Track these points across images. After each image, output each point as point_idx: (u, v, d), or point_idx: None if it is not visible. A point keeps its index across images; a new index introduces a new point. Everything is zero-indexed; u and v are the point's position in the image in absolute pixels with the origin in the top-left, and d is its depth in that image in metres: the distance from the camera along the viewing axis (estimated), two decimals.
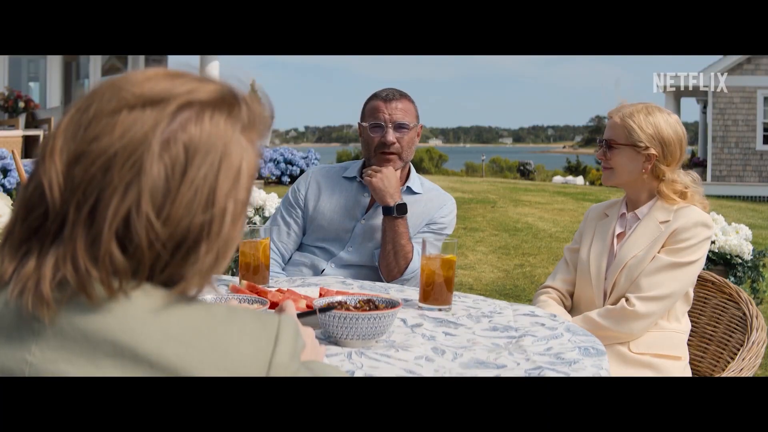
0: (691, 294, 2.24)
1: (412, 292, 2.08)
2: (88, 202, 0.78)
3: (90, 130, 0.79)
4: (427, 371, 1.45)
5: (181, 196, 0.79)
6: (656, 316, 2.14)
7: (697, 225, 2.17)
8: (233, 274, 4.49)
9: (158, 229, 0.78)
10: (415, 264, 2.45)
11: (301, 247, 2.62)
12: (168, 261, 0.80)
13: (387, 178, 2.48)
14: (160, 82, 0.81)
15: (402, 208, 2.46)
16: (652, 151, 2.20)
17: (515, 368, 1.46)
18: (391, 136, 2.51)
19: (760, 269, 4.80)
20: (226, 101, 0.83)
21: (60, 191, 0.78)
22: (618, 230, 2.29)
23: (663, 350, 2.15)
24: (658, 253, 2.18)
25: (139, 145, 0.78)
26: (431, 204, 2.58)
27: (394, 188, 2.48)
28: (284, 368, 0.82)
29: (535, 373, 1.43)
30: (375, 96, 2.59)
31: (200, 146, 0.80)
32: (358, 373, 1.41)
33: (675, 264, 2.15)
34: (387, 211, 2.46)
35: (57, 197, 0.78)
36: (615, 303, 2.18)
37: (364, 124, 2.57)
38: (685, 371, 2.18)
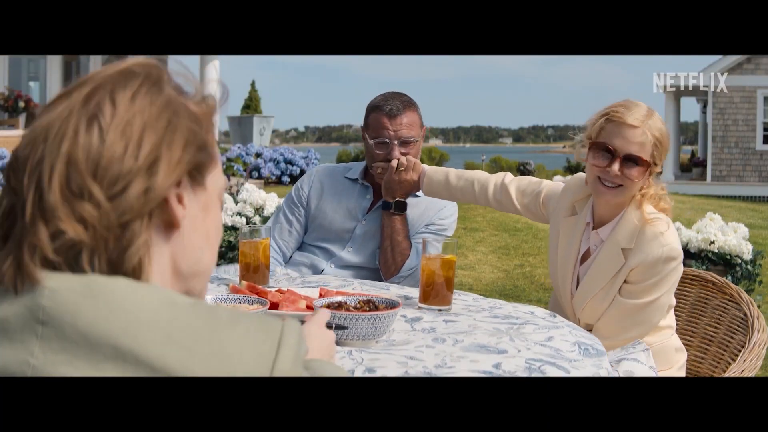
0: (673, 300, 2.11)
1: (412, 291, 2.08)
2: (36, 170, 0.80)
3: (35, 123, 0.84)
4: (428, 356, 1.46)
5: (113, 139, 0.81)
6: None
7: (657, 263, 1.95)
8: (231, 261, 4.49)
9: (99, 165, 0.80)
10: (413, 262, 2.46)
11: (301, 247, 2.63)
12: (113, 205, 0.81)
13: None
14: (89, 74, 0.87)
15: (400, 206, 2.47)
16: (659, 167, 1.98)
17: (516, 355, 1.48)
18: (397, 153, 2.48)
19: (757, 270, 4.81)
20: (144, 68, 0.87)
21: (18, 179, 0.81)
22: (583, 247, 2.09)
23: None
24: (620, 293, 2.01)
25: (72, 109, 0.82)
26: (431, 206, 2.58)
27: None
28: (286, 375, 0.82)
29: (535, 364, 1.44)
30: (379, 108, 2.51)
31: (127, 102, 0.83)
32: (359, 367, 1.41)
33: (639, 306, 1.99)
34: (386, 206, 2.48)
35: (18, 185, 0.81)
36: (586, 327, 2.09)
37: (369, 140, 2.52)
38: (680, 374, 2.15)
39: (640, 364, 1.60)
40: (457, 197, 2.44)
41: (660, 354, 2.08)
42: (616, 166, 1.93)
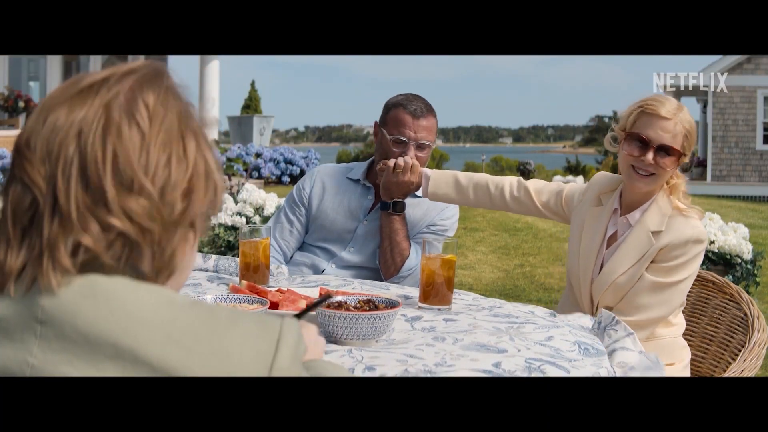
0: (684, 297, 2.16)
1: (412, 291, 2.08)
2: (74, 163, 0.79)
3: (50, 119, 0.82)
4: (428, 354, 1.46)
5: (156, 144, 0.82)
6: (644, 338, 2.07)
7: (688, 242, 2.05)
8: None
9: (145, 161, 0.81)
10: (412, 262, 2.46)
11: (302, 247, 2.63)
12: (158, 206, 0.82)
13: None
14: (94, 74, 0.86)
15: (398, 206, 2.47)
16: (687, 158, 2.08)
17: (516, 354, 1.48)
18: (412, 154, 2.47)
19: (755, 271, 4.81)
20: (159, 72, 0.88)
21: (40, 173, 0.80)
22: (609, 231, 2.16)
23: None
24: (646, 271, 2.07)
25: (103, 105, 0.82)
26: (433, 207, 2.57)
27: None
28: (285, 373, 0.82)
29: (535, 363, 1.44)
30: (403, 106, 2.51)
31: (157, 105, 0.84)
32: (359, 366, 1.41)
33: (664, 285, 2.06)
34: (384, 206, 2.48)
35: (40, 179, 0.80)
36: None
37: (388, 135, 2.51)
38: (684, 373, 2.16)
39: (629, 352, 1.63)
40: (469, 199, 2.40)
41: (668, 348, 2.12)
42: (650, 155, 2.04)
